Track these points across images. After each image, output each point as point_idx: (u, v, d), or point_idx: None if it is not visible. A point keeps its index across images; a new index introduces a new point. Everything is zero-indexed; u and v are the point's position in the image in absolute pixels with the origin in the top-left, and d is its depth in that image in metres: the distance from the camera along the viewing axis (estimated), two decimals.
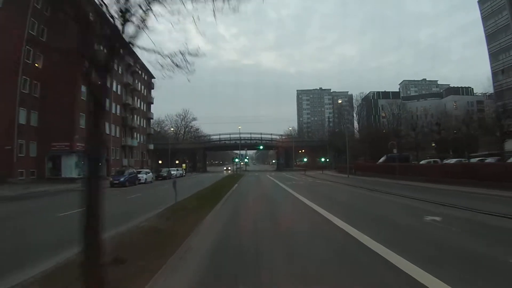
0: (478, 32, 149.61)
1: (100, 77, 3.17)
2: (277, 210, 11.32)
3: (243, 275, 4.10)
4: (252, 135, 62.34)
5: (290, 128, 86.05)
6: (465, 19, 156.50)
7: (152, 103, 57.78)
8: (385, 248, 5.02)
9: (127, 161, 43.18)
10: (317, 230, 7.12)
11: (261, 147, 61.82)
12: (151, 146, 55.22)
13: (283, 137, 64.90)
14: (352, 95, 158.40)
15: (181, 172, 45.40)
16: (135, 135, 47.99)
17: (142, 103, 52.45)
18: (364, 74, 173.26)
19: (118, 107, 41.49)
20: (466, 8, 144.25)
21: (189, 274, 4.21)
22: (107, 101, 3.57)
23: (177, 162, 56.03)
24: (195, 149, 64.19)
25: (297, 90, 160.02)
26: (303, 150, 65.54)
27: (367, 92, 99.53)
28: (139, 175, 28.26)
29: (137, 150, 48.82)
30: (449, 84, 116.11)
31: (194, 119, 78.65)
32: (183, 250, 5.26)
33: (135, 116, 48.69)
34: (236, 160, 44.97)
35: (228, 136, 61.94)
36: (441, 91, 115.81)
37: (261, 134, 62.49)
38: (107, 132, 37.31)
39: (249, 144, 61.91)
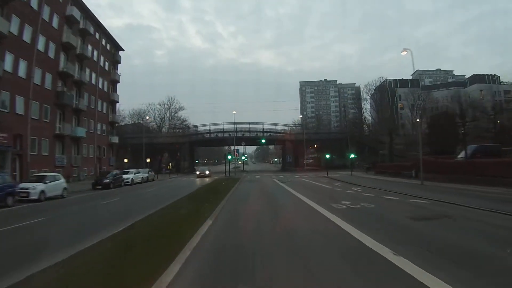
0: (477, 30, 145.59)
1: None
2: None
3: None
4: (252, 126, 48.29)
5: (294, 121, 71.89)
6: (463, 17, 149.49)
7: (118, 82, 43.47)
8: None
9: (65, 158, 28.85)
10: None
11: (263, 141, 47.80)
12: (115, 139, 40.86)
13: (291, 128, 50.97)
14: (359, 87, 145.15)
15: (145, 176, 31.12)
16: (85, 122, 33.66)
17: (100, 80, 38.14)
18: (363, 73, 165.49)
19: (49, 75, 27.16)
20: (465, 6, 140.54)
21: None
22: None
23: (148, 160, 41.79)
24: (178, 145, 49.95)
25: (300, 82, 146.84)
26: (314, 146, 51.53)
27: (383, 81, 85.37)
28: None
29: (88, 144, 34.46)
30: (464, 75, 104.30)
31: (180, 108, 64.45)
32: None
33: (87, 95, 34.37)
34: (230, 157, 31.40)
35: (221, 127, 47.82)
36: (465, 79, 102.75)
37: (263, 124, 48.47)
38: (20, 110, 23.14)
39: (248, 138, 47.75)
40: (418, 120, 35.80)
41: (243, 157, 45.13)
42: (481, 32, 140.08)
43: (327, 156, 37.67)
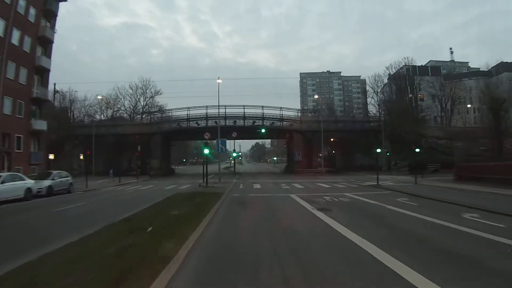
0: (476, 30, 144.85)
1: None
2: None
3: None
4: (248, 111, 34.82)
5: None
6: (462, 18, 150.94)
7: (52, 42, 29.65)
8: None
9: None
10: None
11: (263, 131, 34.19)
12: (40, 125, 27.10)
13: (302, 115, 37.56)
14: (365, 79, 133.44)
15: (51, 183, 16.92)
16: None
17: (17, 33, 24.50)
18: (363, 73, 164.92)
19: None
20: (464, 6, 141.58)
21: None
22: None
23: (82, 157, 28.32)
24: (147, 136, 36.37)
25: (300, 73, 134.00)
26: (331, 140, 38.29)
27: (402, 65, 72.19)
28: None
29: None
30: (479, 68, 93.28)
31: (157, 92, 50.75)
32: None
33: None
34: (206, 151, 17.55)
35: (204, 111, 34.22)
36: (490, 68, 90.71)
37: (262, 108, 34.94)
38: None
39: (241, 127, 34.43)
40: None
41: (234, 154, 31.84)
42: (480, 33, 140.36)
43: (378, 150, 24.30)
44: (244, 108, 34.36)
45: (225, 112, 33.88)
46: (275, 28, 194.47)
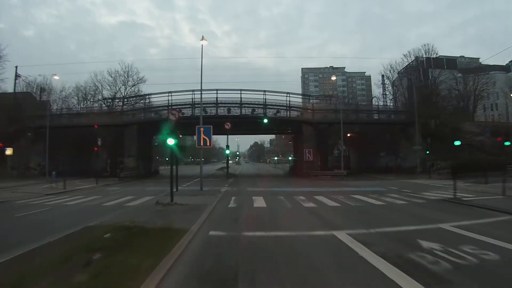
0: (474, 31, 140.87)
1: None
2: None
3: None
4: (246, 97, 27.04)
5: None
6: (460, 18, 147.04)
7: None
8: None
9: None
10: None
11: (265, 121, 26.26)
12: None
13: (318, 103, 29.89)
14: (370, 76, 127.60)
15: None
16: None
17: None
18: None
19: None
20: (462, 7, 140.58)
21: None
22: None
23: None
24: (119, 129, 28.75)
25: (302, 69, 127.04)
26: (347, 135, 30.68)
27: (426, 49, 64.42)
28: None
29: None
30: (495, 64, 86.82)
31: (141, 80, 43.04)
32: None
33: None
34: (171, 142, 10.96)
35: (190, 96, 26.46)
36: (509, 63, 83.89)
37: (264, 93, 27.13)
38: None
39: (237, 118, 26.91)
40: None
41: (227, 151, 24.39)
42: (479, 33, 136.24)
43: (457, 143, 16.98)
44: (241, 93, 26.71)
45: (216, 98, 26.25)
46: (274, 28, 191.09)
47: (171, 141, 9.79)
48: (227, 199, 12.06)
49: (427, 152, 25.63)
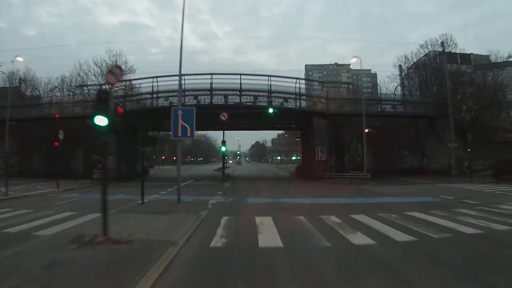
0: (474, 31, 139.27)
1: None
2: None
3: None
4: (246, 82, 22.06)
5: None
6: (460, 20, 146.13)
7: None
8: None
9: None
10: None
11: (271, 111, 21.28)
12: None
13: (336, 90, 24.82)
14: (376, 73, 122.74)
15: None
16: None
17: None
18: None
19: None
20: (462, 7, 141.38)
21: None
22: None
23: None
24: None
25: (306, 65, 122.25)
26: (365, 130, 25.85)
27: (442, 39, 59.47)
28: None
29: None
30: (507, 61, 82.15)
31: (130, 69, 38.61)
32: None
33: None
34: (100, 117, 7.04)
35: (181, 81, 21.90)
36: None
37: (269, 79, 22.20)
38: None
39: (235, 107, 22.15)
40: None
41: (222, 148, 19.72)
42: (478, 34, 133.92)
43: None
44: (240, 78, 21.84)
45: (211, 83, 21.41)
46: (274, 28, 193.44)
47: (100, 120, 5.06)
48: (213, 224, 7.16)
49: (469, 150, 20.82)
